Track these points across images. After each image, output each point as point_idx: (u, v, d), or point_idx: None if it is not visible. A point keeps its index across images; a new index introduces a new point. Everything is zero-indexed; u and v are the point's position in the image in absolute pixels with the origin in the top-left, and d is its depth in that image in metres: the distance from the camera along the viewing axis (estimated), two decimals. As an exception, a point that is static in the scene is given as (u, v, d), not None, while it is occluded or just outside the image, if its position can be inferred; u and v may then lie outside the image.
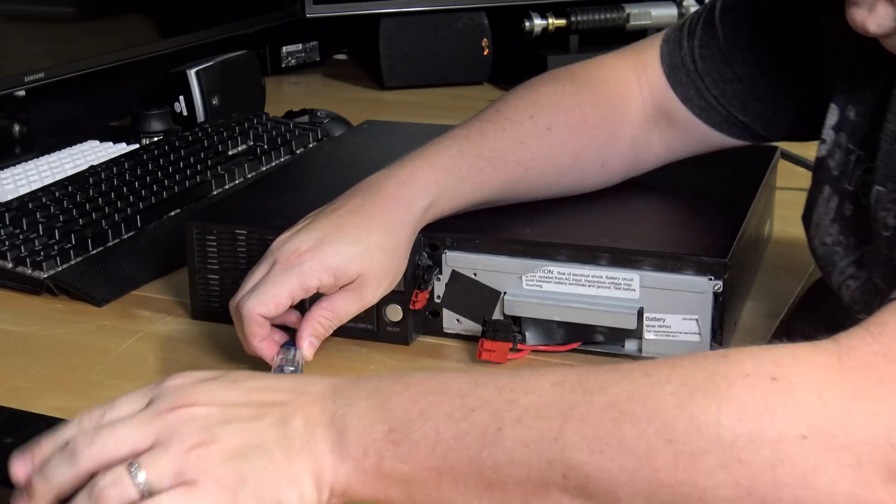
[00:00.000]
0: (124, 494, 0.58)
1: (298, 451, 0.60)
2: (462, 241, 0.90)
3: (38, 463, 0.62)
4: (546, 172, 0.96)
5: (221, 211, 1.01)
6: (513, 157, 0.94)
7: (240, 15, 1.69)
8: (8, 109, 1.41)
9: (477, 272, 0.90)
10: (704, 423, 0.54)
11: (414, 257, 0.90)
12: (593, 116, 0.97)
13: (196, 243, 0.95)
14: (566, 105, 0.97)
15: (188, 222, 0.96)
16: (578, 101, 0.97)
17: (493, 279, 0.89)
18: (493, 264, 0.89)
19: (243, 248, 0.94)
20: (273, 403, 0.61)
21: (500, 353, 0.87)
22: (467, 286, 0.90)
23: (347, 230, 0.85)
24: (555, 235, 0.90)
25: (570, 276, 0.87)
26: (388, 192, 0.88)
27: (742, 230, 0.91)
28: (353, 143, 1.21)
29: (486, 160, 0.93)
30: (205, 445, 0.59)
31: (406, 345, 0.92)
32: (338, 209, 0.87)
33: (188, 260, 0.96)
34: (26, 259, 1.04)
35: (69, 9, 1.45)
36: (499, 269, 0.89)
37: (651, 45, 0.99)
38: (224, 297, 0.94)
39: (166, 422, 0.60)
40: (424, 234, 0.90)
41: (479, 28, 1.83)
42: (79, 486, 0.60)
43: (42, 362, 0.91)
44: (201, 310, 0.97)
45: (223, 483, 0.58)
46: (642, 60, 0.99)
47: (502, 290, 0.89)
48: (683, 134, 0.98)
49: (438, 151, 0.92)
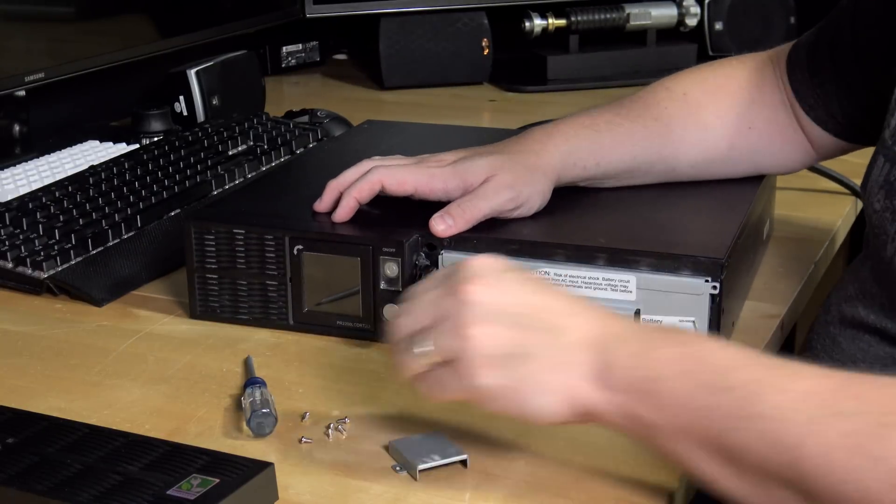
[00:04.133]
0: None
1: (563, 364, 0.65)
2: (459, 242, 0.90)
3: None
4: (688, 129, 0.99)
5: (220, 210, 1.01)
6: (651, 114, 0.98)
7: (240, 15, 1.69)
8: (8, 109, 1.41)
9: None
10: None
11: (411, 257, 0.90)
12: (729, 85, 1.01)
13: (195, 243, 0.95)
14: (702, 77, 1.02)
15: (187, 221, 0.96)
16: (714, 75, 1.02)
17: None
18: None
19: (241, 247, 0.93)
20: (552, 311, 0.66)
21: None
22: None
23: (481, 153, 0.93)
24: (552, 236, 0.90)
25: (567, 277, 0.87)
26: (528, 137, 0.95)
27: (740, 230, 0.91)
28: (353, 142, 1.21)
29: (625, 116, 0.97)
30: (482, 328, 0.65)
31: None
32: (485, 147, 0.95)
33: (187, 259, 0.96)
34: (26, 259, 1.04)
35: (69, 9, 1.45)
36: None
37: (783, 47, 1.03)
38: (223, 297, 0.95)
39: (452, 301, 0.67)
40: (422, 235, 0.90)
41: (479, 28, 1.83)
42: None
43: (42, 362, 0.91)
44: (200, 309, 0.97)
45: (488, 370, 0.64)
46: (773, 60, 1.02)
47: None
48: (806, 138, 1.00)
49: (579, 113, 0.98)
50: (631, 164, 0.98)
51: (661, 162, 0.99)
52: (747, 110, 1.00)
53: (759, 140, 1.00)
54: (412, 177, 0.91)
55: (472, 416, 0.80)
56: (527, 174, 0.92)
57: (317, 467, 0.75)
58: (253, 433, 0.78)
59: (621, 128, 0.96)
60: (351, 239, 0.90)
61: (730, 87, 1.01)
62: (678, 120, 0.98)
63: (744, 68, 1.02)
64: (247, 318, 0.95)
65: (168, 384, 0.87)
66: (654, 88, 1.01)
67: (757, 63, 1.02)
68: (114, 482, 0.68)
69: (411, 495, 0.72)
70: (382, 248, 0.89)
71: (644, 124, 0.97)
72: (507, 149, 0.94)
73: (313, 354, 0.91)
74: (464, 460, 0.74)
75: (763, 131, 1.00)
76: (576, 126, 0.96)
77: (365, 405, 0.83)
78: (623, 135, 0.96)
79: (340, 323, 0.92)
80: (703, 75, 1.02)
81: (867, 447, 0.57)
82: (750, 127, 1.00)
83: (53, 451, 0.72)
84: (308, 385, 0.86)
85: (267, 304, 0.94)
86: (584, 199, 0.99)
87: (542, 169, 0.93)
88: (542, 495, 0.71)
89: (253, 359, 0.89)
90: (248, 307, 0.95)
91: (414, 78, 1.83)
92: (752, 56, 1.04)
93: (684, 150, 0.99)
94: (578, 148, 0.95)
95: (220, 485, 0.67)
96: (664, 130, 0.98)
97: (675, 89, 1.00)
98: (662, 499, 0.71)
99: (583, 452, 0.76)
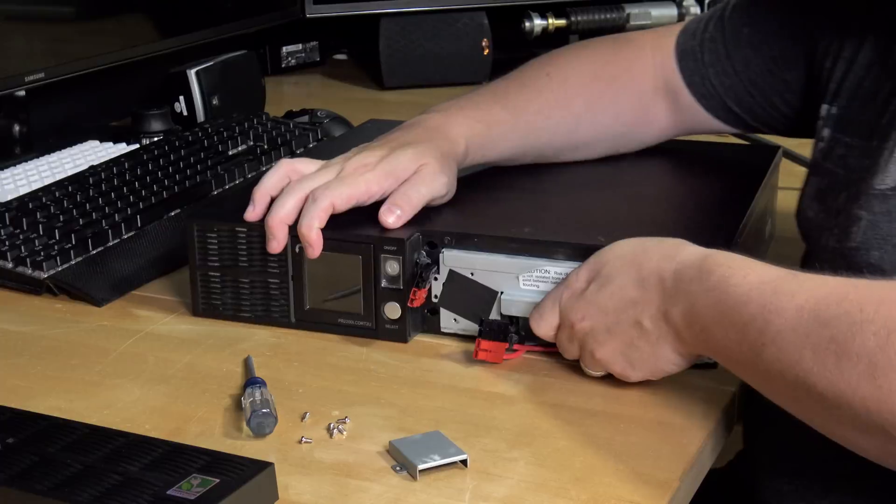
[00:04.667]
0: None
1: (656, 340, 0.79)
2: (460, 239, 0.90)
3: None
4: (563, 120, 1.05)
5: (222, 209, 1.01)
6: (533, 107, 1.04)
7: (240, 15, 1.69)
8: (8, 109, 1.41)
9: (474, 272, 0.89)
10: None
11: (412, 255, 0.90)
12: (605, 73, 1.08)
13: (197, 241, 0.95)
14: (580, 63, 1.08)
15: (189, 220, 0.96)
16: (592, 61, 1.08)
17: (491, 279, 0.89)
18: (491, 264, 0.89)
19: (244, 245, 0.94)
20: (628, 306, 0.79)
21: (496, 354, 0.87)
22: (464, 285, 0.90)
23: (400, 146, 0.94)
24: (553, 234, 0.90)
25: (566, 276, 0.87)
26: (430, 126, 0.98)
27: (741, 229, 0.91)
28: (356, 141, 1.21)
29: (511, 111, 1.03)
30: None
31: (405, 343, 0.92)
32: (388, 137, 0.97)
33: (189, 257, 0.96)
34: (26, 259, 1.04)
35: (69, 9, 1.45)
36: (496, 268, 0.89)
37: (671, 31, 1.08)
38: (225, 295, 0.95)
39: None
40: (423, 232, 0.90)
41: (479, 28, 1.83)
42: None
43: (42, 362, 0.91)
44: (203, 307, 0.97)
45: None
46: (659, 42, 1.08)
47: (499, 289, 0.89)
48: (685, 115, 1.07)
49: (467, 102, 1.03)
50: (512, 155, 1.04)
51: (533, 150, 1.06)
52: (615, 100, 1.07)
53: (622, 127, 1.08)
54: (352, 191, 0.91)
55: (472, 416, 0.80)
56: (446, 161, 0.96)
57: (317, 467, 0.75)
58: (253, 433, 0.78)
59: (507, 124, 1.02)
60: (352, 237, 0.90)
61: (604, 75, 1.07)
62: (555, 112, 1.05)
63: (618, 55, 1.09)
64: (249, 316, 0.95)
65: (168, 384, 0.87)
66: (537, 73, 1.07)
67: (633, 48, 1.09)
68: (114, 482, 0.68)
69: (411, 495, 0.72)
70: (384, 246, 0.89)
71: (527, 119, 1.03)
72: (418, 138, 0.96)
73: (313, 354, 0.91)
74: (464, 460, 0.74)
75: (628, 120, 1.08)
76: (468, 120, 1.00)
77: (365, 405, 0.83)
78: (508, 131, 1.02)
79: (342, 321, 0.92)
80: (581, 61, 1.08)
81: (847, 348, 0.65)
82: (616, 116, 1.07)
83: (53, 451, 0.72)
84: (308, 385, 0.86)
85: (269, 301, 0.94)
86: (583, 197, 1.00)
87: (453, 156, 0.97)
88: (542, 495, 0.71)
89: (253, 359, 0.89)
90: (251, 305, 0.95)
91: (414, 78, 1.83)
92: (629, 39, 1.10)
93: (556, 140, 1.06)
94: (471, 141, 0.99)
95: (220, 485, 0.67)
96: (543, 124, 1.04)
97: (555, 76, 1.06)
98: (662, 498, 0.71)
99: (583, 452, 0.76)
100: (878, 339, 0.64)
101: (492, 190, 1.02)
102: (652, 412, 0.81)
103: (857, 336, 0.65)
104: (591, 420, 0.80)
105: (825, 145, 0.91)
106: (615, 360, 0.81)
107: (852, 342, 0.65)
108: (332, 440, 0.78)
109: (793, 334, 0.69)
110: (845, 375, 0.65)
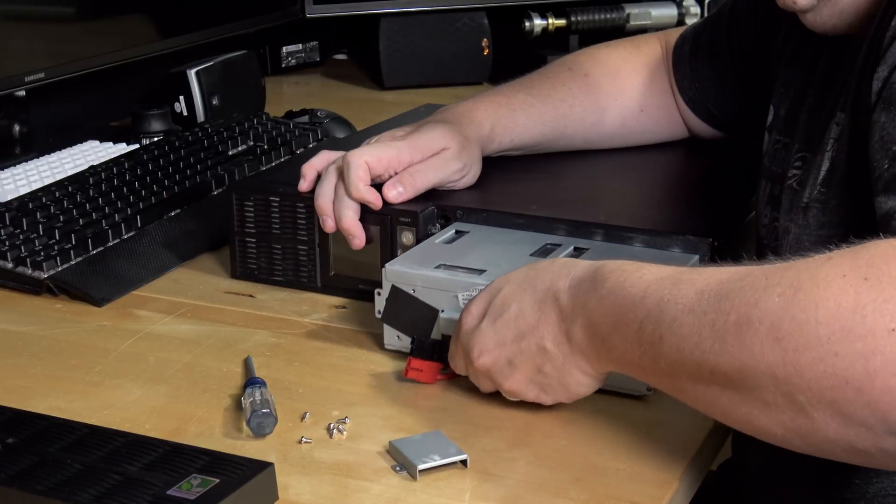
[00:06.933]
0: None
1: (562, 363, 0.76)
2: (471, 214, 0.97)
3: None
4: (588, 109, 1.10)
5: (259, 181, 1.11)
6: (558, 95, 1.09)
7: (240, 15, 1.69)
8: (8, 109, 1.41)
9: (416, 288, 0.87)
10: (804, 321, 0.61)
11: (426, 227, 0.96)
12: (627, 68, 1.12)
13: (235, 208, 1.04)
14: (602, 59, 1.13)
15: (230, 190, 1.05)
16: (613, 57, 1.13)
17: (431, 297, 0.87)
18: (431, 281, 0.87)
19: (276, 213, 1.02)
20: (527, 332, 0.76)
21: (428, 373, 0.85)
22: (406, 302, 0.87)
23: (428, 123, 1.01)
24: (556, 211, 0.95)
25: None
26: (457, 111, 1.03)
27: (737, 217, 0.95)
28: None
29: (536, 97, 1.07)
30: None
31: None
32: (417, 124, 1.01)
33: (228, 224, 1.05)
34: (26, 259, 1.04)
35: (69, 9, 1.45)
36: (436, 286, 0.86)
37: (677, 32, 1.14)
38: (260, 259, 1.05)
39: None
40: (437, 206, 0.97)
41: (479, 28, 1.83)
42: None
43: (42, 362, 0.91)
44: (240, 270, 1.05)
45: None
46: (669, 42, 1.14)
47: (440, 308, 0.86)
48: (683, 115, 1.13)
49: (494, 92, 1.08)
50: (539, 140, 1.08)
51: (562, 139, 1.10)
52: (640, 94, 1.11)
53: (647, 121, 1.13)
54: (381, 152, 0.96)
55: (472, 416, 0.80)
56: (469, 145, 1.00)
57: (317, 467, 0.75)
58: (253, 433, 0.78)
59: (533, 108, 1.07)
60: (371, 209, 0.96)
61: (626, 70, 1.12)
62: (580, 101, 1.09)
63: (639, 53, 1.14)
64: (281, 280, 1.03)
65: (168, 384, 0.87)
66: (559, 69, 1.12)
67: (651, 48, 1.13)
68: (114, 482, 0.68)
69: (411, 495, 0.72)
70: (399, 217, 0.96)
71: (553, 105, 1.08)
72: (446, 120, 1.01)
73: (313, 354, 0.91)
74: (464, 460, 0.74)
75: (652, 114, 1.12)
76: (494, 104, 1.05)
77: (365, 405, 0.83)
78: (535, 115, 1.07)
79: (362, 287, 0.98)
80: (602, 57, 1.13)
81: (748, 315, 0.63)
82: (641, 110, 1.12)
83: (53, 451, 0.72)
84: (308, 385, 0.86)
85: (298, 267, 1.02)
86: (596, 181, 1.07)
87: (478, 141, 1.02)
88: (542, 495, 0.71)
89: (253, 359, 0.89)
90: (283, 269, 1.03)
91: (414, 78, 1.83)
92: (647, 40, 1.16)
93: (583, 129, 1.10)
94: (498, 125, 1.04)
95: (220, 485, 0.67)
96: (568, 111, 1.09)
97: (578, 71, 1.11)
98: (662, 498, 0.71)
99: (582, 452, 0.76)
100: (783, 300, 0.62)
101: (507, 171, 1.07)
102: (652, 412, 0.81)
103: (760, 301, 0.63)
104: (591, 420, 0.80)
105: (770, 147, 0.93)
106: (526, 389, 0.78)
107: (754, 308, 0.63)
108: (332, 440, 0.78)
109: (690, 316, 0.66)
110: (747, 343, 0.62)
